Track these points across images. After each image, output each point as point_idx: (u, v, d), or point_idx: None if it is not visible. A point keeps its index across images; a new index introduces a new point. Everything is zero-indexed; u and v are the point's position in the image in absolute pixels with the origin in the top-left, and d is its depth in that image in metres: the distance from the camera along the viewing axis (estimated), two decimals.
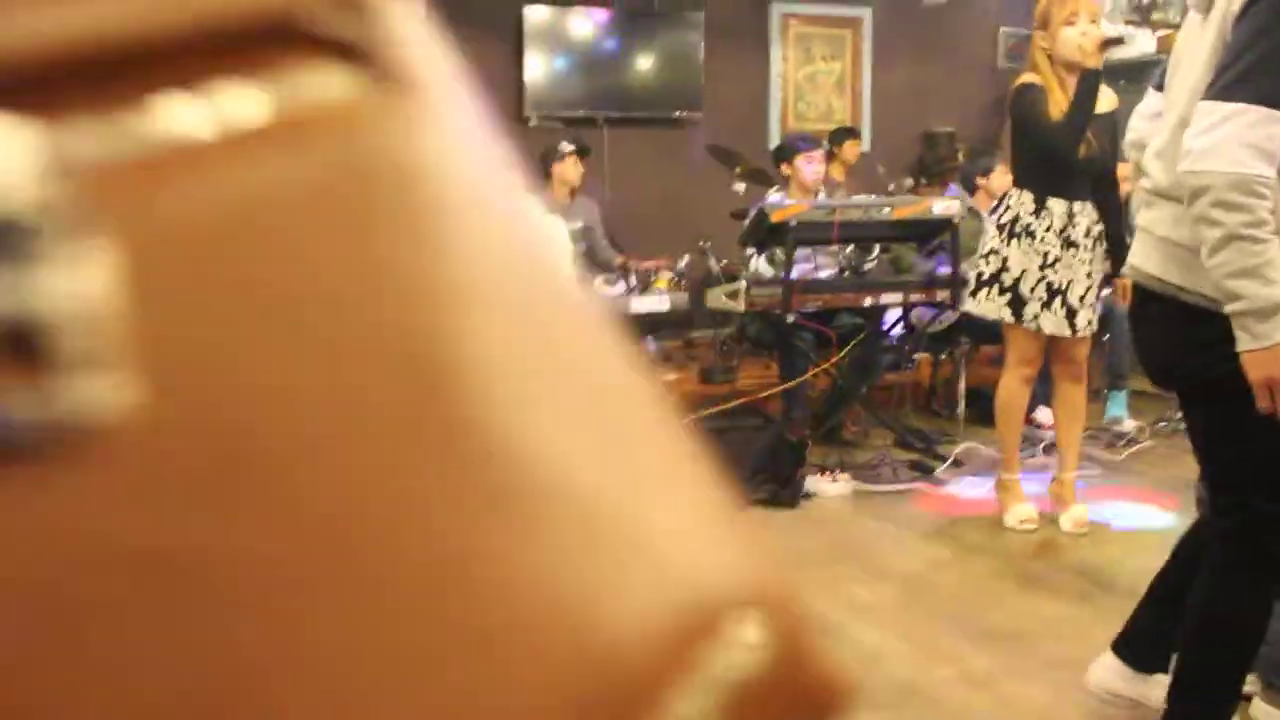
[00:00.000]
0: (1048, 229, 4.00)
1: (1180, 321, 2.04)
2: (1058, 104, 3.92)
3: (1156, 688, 2.44)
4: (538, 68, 7.67)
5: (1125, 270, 2.31)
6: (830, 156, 7.15)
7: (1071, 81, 3.92)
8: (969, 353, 5.99)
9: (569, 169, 6.47)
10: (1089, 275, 4.06)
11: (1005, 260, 4.05)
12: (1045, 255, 4.00)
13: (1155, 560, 2.65)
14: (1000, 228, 4.10)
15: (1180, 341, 2.07)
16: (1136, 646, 2.58)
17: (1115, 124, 4.05)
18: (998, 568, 3.89)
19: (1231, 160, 1.77)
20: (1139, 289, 2.17)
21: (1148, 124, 2.35)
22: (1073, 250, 4.02)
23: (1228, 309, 1.85)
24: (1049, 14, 3.96)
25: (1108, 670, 2.63)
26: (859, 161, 7.47)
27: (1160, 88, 2.34)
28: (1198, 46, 2.02)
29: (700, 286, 6.18)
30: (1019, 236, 4.03)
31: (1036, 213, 4.01)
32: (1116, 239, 4.06)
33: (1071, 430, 4.35)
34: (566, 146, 6.50)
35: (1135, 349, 2.38)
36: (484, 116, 0.31)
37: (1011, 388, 4.23)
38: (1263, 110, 1.76)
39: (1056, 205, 4.00)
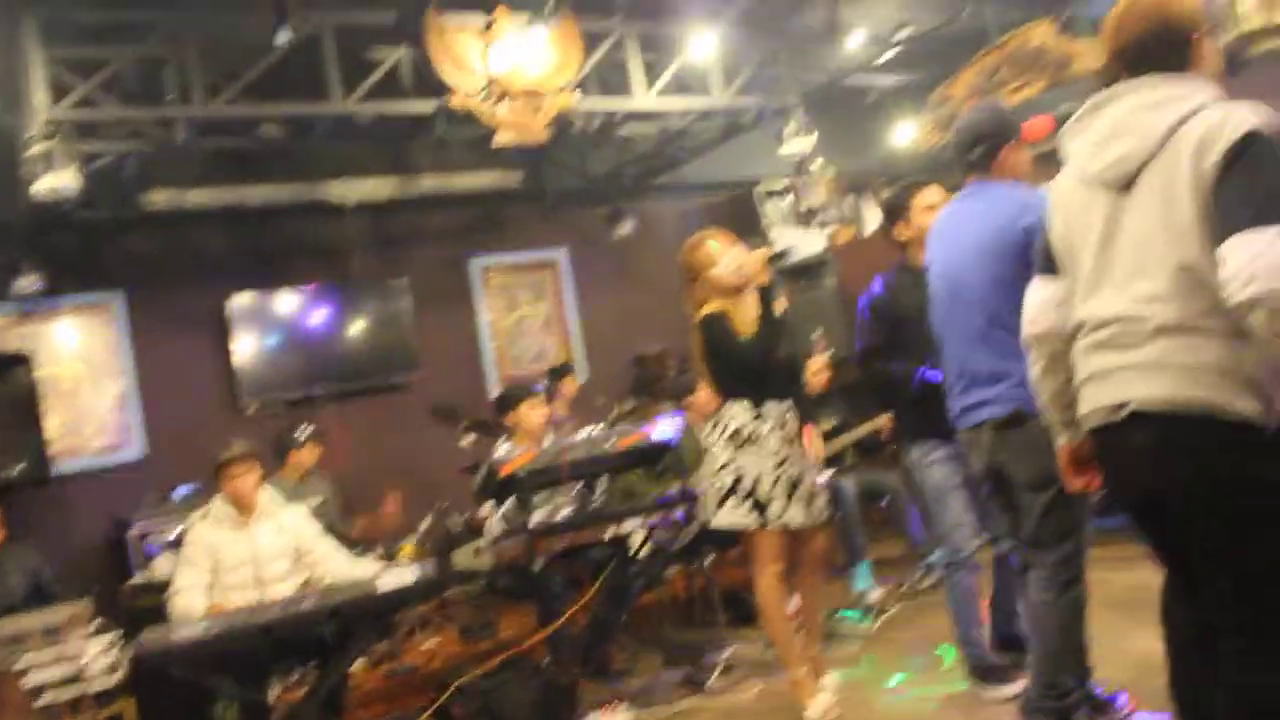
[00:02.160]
0: (769, 431, 4.28)
1: (1221, 438, 2.16)
2: (742, 324, 4.30)
3: None
4: (248, 354, 7.63)
5: (1135, 405, 2.28)
6: (550, 395, 7.39)
7: (747, 300, 4.31)
8: (716, 560, 6.18)
9: (307, 455, 6.40)
10: (813, 465, 4.37)
11: (740, 469, 4.27)
12: (776, 454, 4.25)
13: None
14: (727, 440, 4.32)
15: (1227, 455, 2.17)
16: None
17: (787, 324, 4.52)
18: None
19: None
20: (1162, 419, 2.23)
21: (1056, 311, 2.52)
22: (793, 445, 4.32)
23: None
24: (694, 270, 4.41)
25: None
26: (579, 393, 7.73)
27: (1050, 272, 2.55)
28: (1140, 215, 2.27)
29: (445, 548, 6.15)
30: (746, 444, 4.27)
31: (756, 418, 4.29)
32: (808, 419, 4.49)
33: (815, 617, 4.61)
34: (304, 433, 6.44)
35: (1163, 477, 2.30)
36: None
37: (770, 586, 4.34)
38: None
39: (770, 409, 4.31)
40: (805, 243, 8.91)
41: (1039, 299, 2.61)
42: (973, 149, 3.39)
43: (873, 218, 9.84)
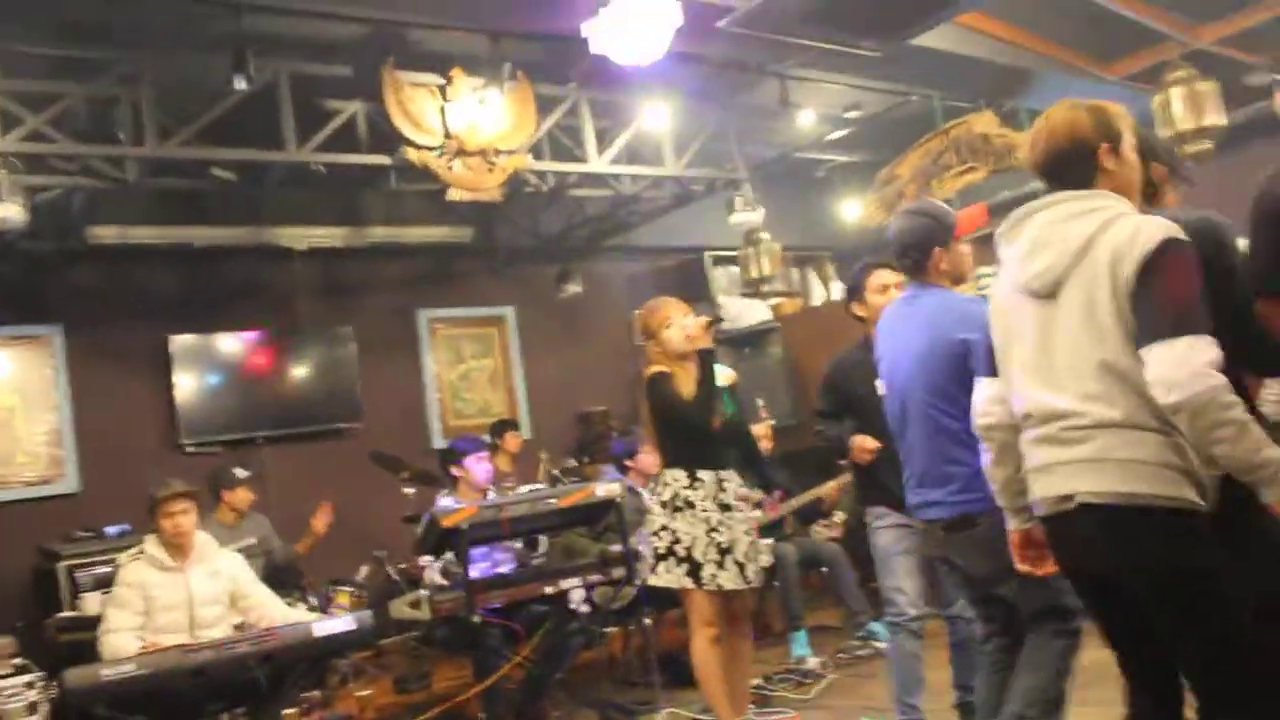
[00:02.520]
0: (703, 497, 4.39)
1: (1163, 526, 2.31)
2: (686, 386, 4.42)
3: None
4: (189, 393, 7.56)
5: (1082, 496, 2.40)
6: (494, 450, 7.40)
7: (690, 365, 4.45)
8: (655, 620, 6.19)
9: (240, 496, 6.34)
10: (746, 533, 4.45)
11: (675, 533, 4.37)
12: (708, 520, 4.36)
13: None
14: (663, 504, 4.44)
15: (1169, 541, 2.32)
16: None
17: (736, 395, 4.67)
18: None
19: (1211, 376, 2.20)
20: (1107, 509, 2.36)
21: (1001, 406, 2.67)
22: (728, 513, 4.42)
23: (1258, 476, 2.20)
24: (649, 326, 4.59)
25: None
26: (523, 449, 7.75)
27: (993, 373, 2.70)
28: (1069, 320, 2.43)
29: (383, 597, 6.10)
30: (681, 509, 4.39)
31: (691, 485, 4.41)
32: (764, 482, 4.72)
33: (743, 681, 4.65)
34: (241, 473, 6.38)
35: (1111, 562, 2.42)
36: None
37: (703, 648, 4.42)
38: (1204, 338, 2.24)
39: (707, 476, 4.43)
40: (751, 312, 9.07)
41: (985, 395, 2.76)
42: (905, 255, 3.49)
43: (818, 289, 10.04)
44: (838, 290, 9.65)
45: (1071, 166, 2.54)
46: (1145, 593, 2.39)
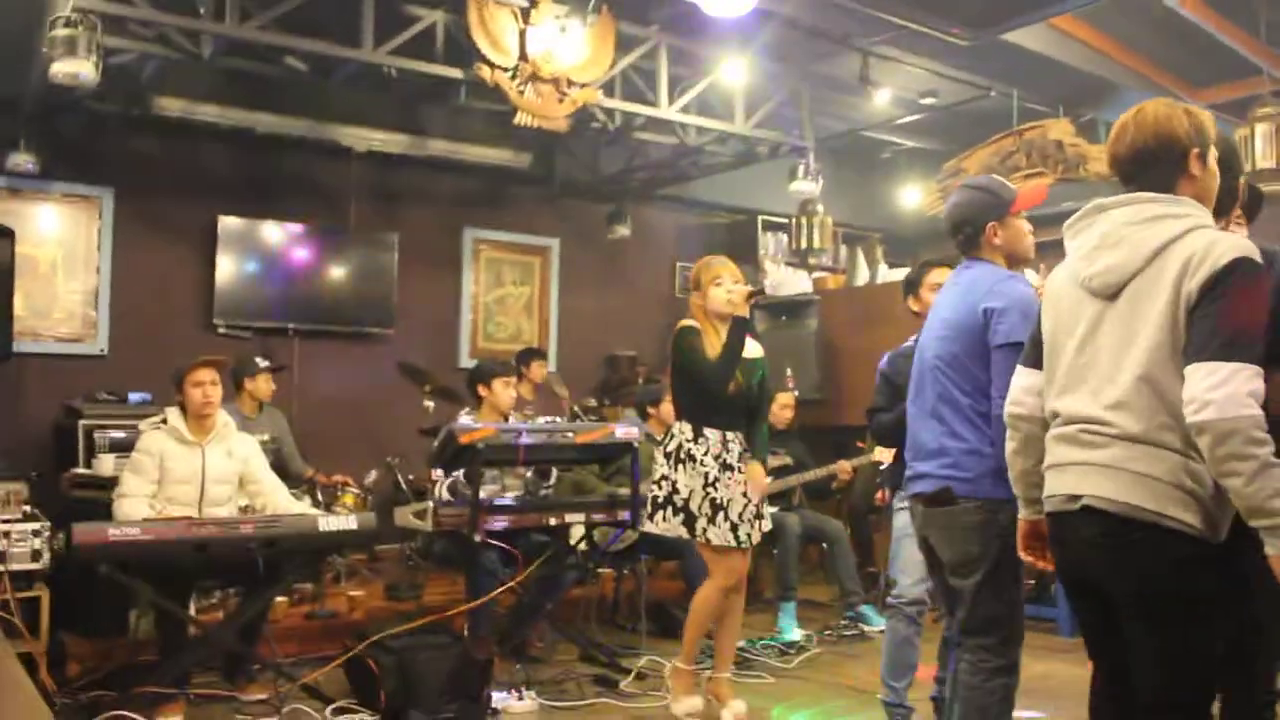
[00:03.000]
0: (705, 453, 4.46)
1: (1163, 545, 2.31)
2: (713, 346, 4.49)
3: None
4: (229, 275, 7.61)
5: (1088, 499, 2.40)
6: (519, 377, 7.45)
7: (724, 329, 4.49)
8: (649, 569, 6.26)
9: (261, 385, 6.40)
10: (745, 495, 4.50)
11: (675, 484, 4.47)
12: (706, 476, 4.44)
13: None
14: (668, 455, 4.53)
15: (1165, 561, 2.31)
16: None
17: (763, 368, 4.70)
18: None
19: (1247, 406, 2.17)
20: (1110, 517, 2.36)
21: (1035, 399, 2.64)
22: (729, 473, 4.49)
23: (1266, 523, 2.17)
24: (699, 277, 4.63)
25: None
26: (544, 381, 7.78)
27: (1035, 365, 2.65)
28: (1119, 325, 2.40)
29: (388, 504, 6.18)
30: (684, 462, 4.48)
31: (695, 439, 4.49)
32: (761, 461, 4.67)
33: (731, 635, 4.73)
34: (262, 362, 6.44)
35: (1105, 569, 2.43)
36: None
37: (712, 596, 4.54)
38: (1253, 368, 2.20)
39: (712, 434, 4.50)
40: (793, 281, 9.03)
41: (1022, 384, 2.71)
42: (959, 231, 3.41)
43: (864, 270, 9.97)
44: (883, 273, 9.58)
45: (1156, 165, 2.46)
46: (1132, 604, 2.39)
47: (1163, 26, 6.92)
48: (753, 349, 4.65)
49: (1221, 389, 2.18)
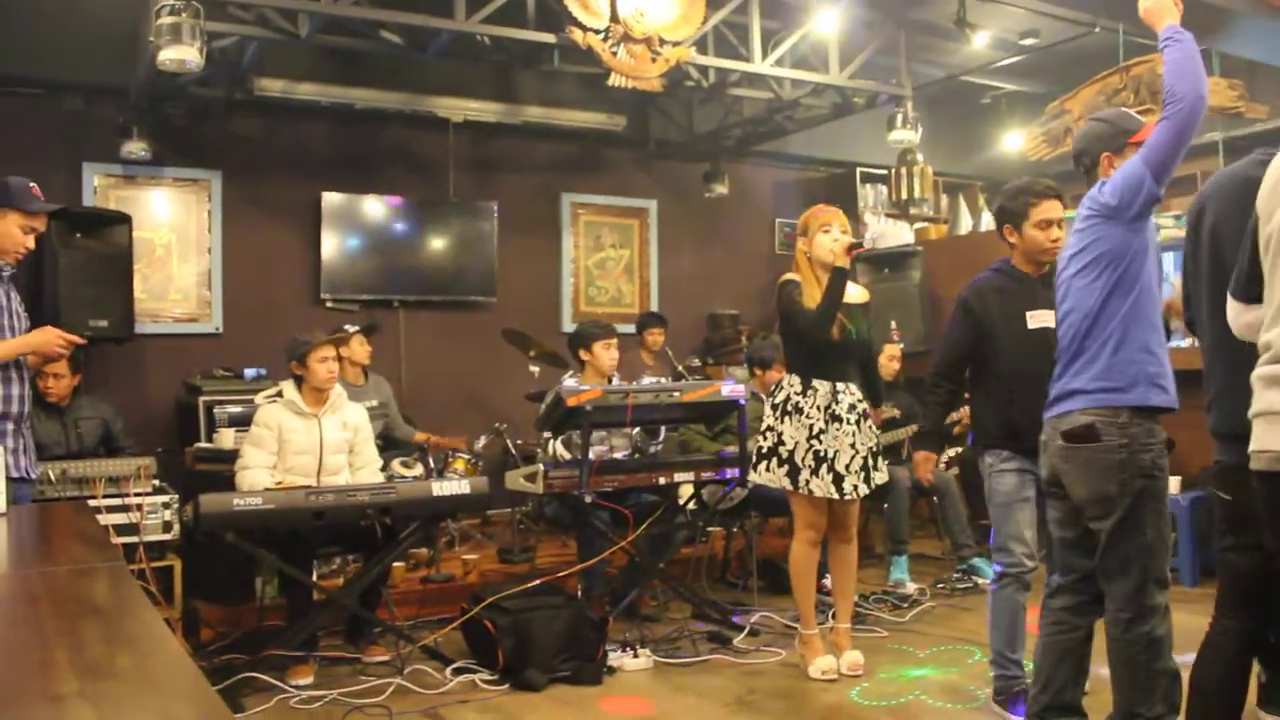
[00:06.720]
0: (813, 405, 4.46)
1: None
2: (812, 296, 4.48)
3: None
4: (334, 250, 7.77)
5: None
6: (640, 342, 7.51)
7: (825, 279, 4.48)
8: (758, 526, 6.26)
9: (356, 349, 6.53)
10: (853, 447, 4.48)
11: (780, 435, 4.49)
12: (811, 428, 4.44)
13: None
14: (774, 407, 4.55)
15: None
16: None
17: (868, 313, 4.69)
18: None
19: None
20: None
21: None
22: (837, 424, 4.47)
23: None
24: (808, 224, 4.60)
25: None
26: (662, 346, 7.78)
27: (1249, 294, 2.38)
28: None
29: (498, 469, 6.27)
30: (790, 414, 4.49)
31: (804, 392, 4.49)
32: (870, 398, 4.66)
33: (845, 584, 4.74)
34: (350, 328, 6.57)
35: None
36: None
37: (801, 550, 4.57)
38: None
39: (821, 385, 4.50)
40: (895, 233, 8.89)
41: (1244, 323, 2.44)
42: (1078, 162, 3.31)
43: (966, 219, 9.76)
44: (986, 221, 9.37)
45: None
46: None
47: None
48: (856, 293, 4.64)
49: None
